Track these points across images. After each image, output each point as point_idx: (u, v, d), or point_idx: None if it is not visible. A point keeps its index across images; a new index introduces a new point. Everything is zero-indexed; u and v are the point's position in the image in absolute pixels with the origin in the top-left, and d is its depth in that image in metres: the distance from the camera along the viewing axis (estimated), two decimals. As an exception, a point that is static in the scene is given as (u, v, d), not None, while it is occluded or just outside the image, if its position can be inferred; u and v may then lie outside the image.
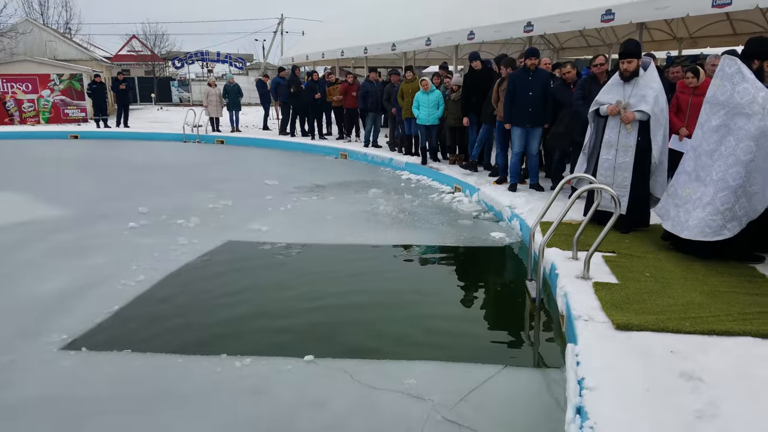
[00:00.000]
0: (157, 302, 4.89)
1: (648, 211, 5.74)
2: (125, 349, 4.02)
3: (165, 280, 5.36)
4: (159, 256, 6.03)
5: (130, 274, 5.47)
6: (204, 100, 17.71)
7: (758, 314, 3.65)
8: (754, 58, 4.59)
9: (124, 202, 8.57)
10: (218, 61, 38.24)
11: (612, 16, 8.43)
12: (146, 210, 8.01)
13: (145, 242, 6.53)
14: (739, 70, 4.46)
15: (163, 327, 4.42)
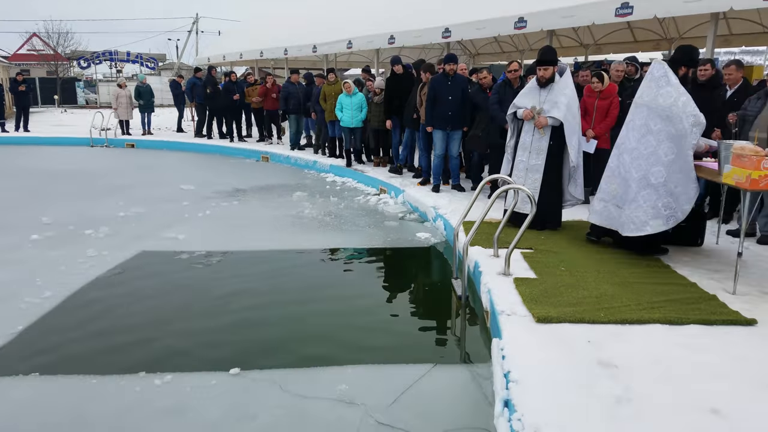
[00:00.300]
0: (65, 320, 4.57)
1: (560, 212, 6.03)
2: (32, 372, 3.73)
3: (74, 296, 5.02)
4: (66, 270, 5.65)
5: (35, 291, 5.07)
6: (113, 102, 16.80)
7: (664, 302, 3.94)
8: (682, 64, 4.95)
9: (25, 213, 7.97)
10: (128, 61, 36.46)
11: (524, 24, 8.85)
12: (50, 220, 7.49)
13: (51, 255, 6.09)
14: (665, 74, 4.75)
15: (74, 346, 4.14)
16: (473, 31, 10.18)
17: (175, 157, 14.19)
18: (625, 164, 4.93)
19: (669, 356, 3.23)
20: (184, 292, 5.23)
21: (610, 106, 6.81)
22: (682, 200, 4.68)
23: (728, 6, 6.45)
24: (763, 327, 3.61)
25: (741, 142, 4.34)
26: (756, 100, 5.45)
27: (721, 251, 5.29)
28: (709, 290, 4.20)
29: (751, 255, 5.12)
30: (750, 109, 5.43)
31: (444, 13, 10.92)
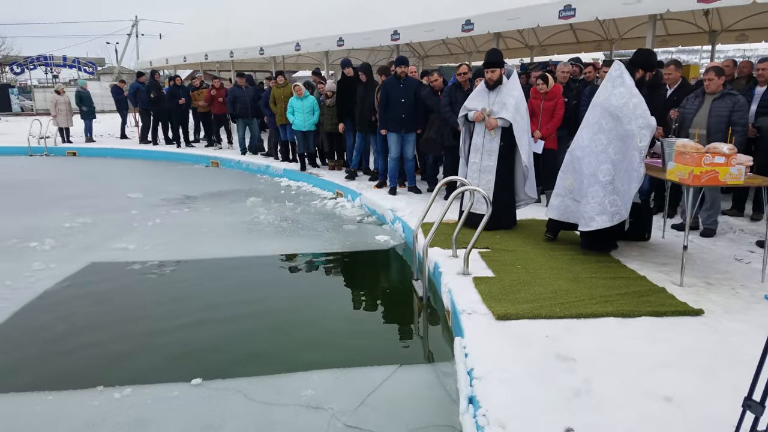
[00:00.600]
0: (14, 337, 4.39)
1: (514, 211, 6.18)
2: (-18, 391, 3.58)
3: (21, 312, 4.83)
4: (12, 284, 5.42)
5: (-20, 308, 4.85)
6: (52, 110, 16.06)
7: (616, 296, 4.11)
8: (639, 67, 5.12)
9: (-37, 227, 7.58)
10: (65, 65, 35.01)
11: (471, 27, 9.02)
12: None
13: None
14: (621, 75, 4.90)
15: (26, 363, 3.99)
16: (422, 33, 10.29)
17: (120, 165, 13.76)
18: (578, 160, 5.09)
19: (623, 348, 3.37)
20: (138, 304, 5.09)
21: (556, 107, 7.02)
22: (626, 198, 4.86)
23: (665, 8, 6.75)
24: (710, 317, 3.80)
25: (683, 140, 4.57)
26: (694, 99, 5.72)
27: (667, 245, 5.54)
28: (657, 283, 4.39)
29: (696, 248, 5.39)
30: (688, 108, 5.70)
31: (392, 15, 10.98)
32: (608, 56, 15.85)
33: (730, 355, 3.25)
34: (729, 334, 3.53)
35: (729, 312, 3.86)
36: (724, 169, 4.08)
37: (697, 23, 12.92)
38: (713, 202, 5.80)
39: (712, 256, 5.14)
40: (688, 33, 13.61)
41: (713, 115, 5.45)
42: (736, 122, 5.34)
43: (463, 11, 9.22)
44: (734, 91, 5.52)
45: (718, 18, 12.39)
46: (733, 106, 5.37)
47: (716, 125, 5.41)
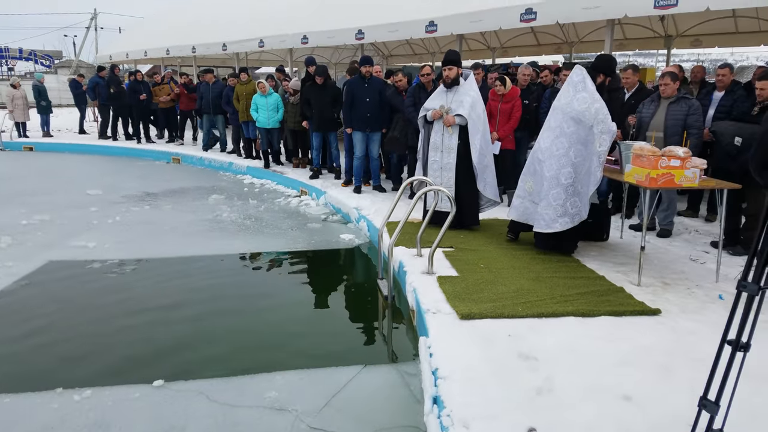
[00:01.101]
0: (-33, 339, 4.23)
1: (477, 209, 6.24)
2: (-69, 396, 3.44)
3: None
4: (-34, 284, 5.23)
5: (-71, 309, 4.66)
6: (8, 104, 15.49)
7: (577, 295, 4.20)
8: (601, 72, 5.23)
9: None
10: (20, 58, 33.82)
11: (435, 28, 9.12)
12: (-57, 232, 6.87)
13: (-54, 269, 5.61)
14: (583, 80, 4.99)
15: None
16: (386, 33, 10.34)
17: (79, 161, 13.36)
18: (540, 163, 5.17)
19: (583, 347, 3.44)
20: (98, 304, 4.96)
21: (513, 109, 7.12)
22: (585, 200, 4.98)
23: (623, 13, 6.97)
24: (666, 316, 3.92)
25: (640, 143, 4.70)
26: (650, 103, 5.89)
27: (625, 245, 5.69)
28: (616, 283, 4.51)
29: (652, 248, 5.54)
30: (645, 112, 5.87)
31: (357, 14, 10.99)
32: (568, 59, 16.20)
33: (687, 353, 3.35)
34: (685, 333, 3.64)
35: (685, 311, 3.99)
36: (680, 172, 4.22)
37: (654, 28, 13.33)
38: (669, 203, 5.98)
39: (668, 257, 5.30)
40: (644, 37, 14.03)
41: (669, 118, 5.62)
42: (692, 125, 5.51)
43: (426, 12, 9.31)
44: (689, 96, 5.70)
45: (673, 23, 12.82)
46: (688, 110, 5.54)
47: (672, 128, 5.59)
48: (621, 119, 6.34)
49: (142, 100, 13.96)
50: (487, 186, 6.08)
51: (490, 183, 6.10)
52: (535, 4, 7.74)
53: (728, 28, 12.62)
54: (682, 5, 6.33)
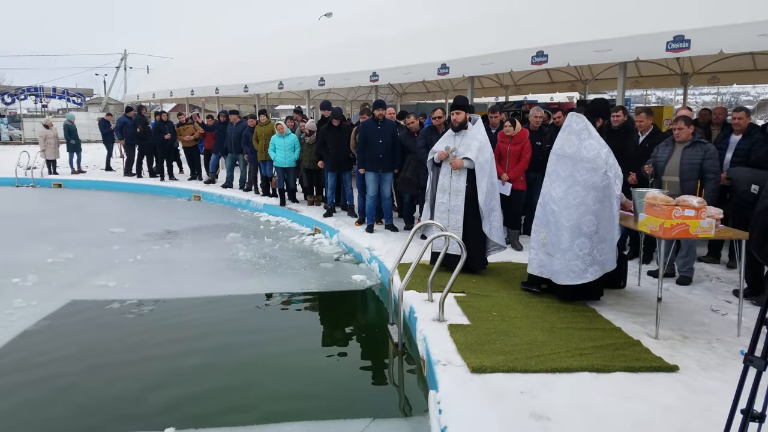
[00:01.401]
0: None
1: (485, 253, 6.18)
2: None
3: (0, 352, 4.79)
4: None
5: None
6: (41, 143, 16.11)
7: (592, 349, 4.09)
8: (599, 116, 5.23)
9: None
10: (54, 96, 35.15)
11: (447, 70, 9.25)
12: (-27, 268, 7.06)
13: (-27, 308, 5.75)
14: (586, 127, 4.98)
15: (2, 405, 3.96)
16: (399, 75, 10.52)
17: (105, 197, 13.73)
18: (553, 214, 5.09)
19: (597, 405, 3.34)
20: (114, 346, 5.03)
21: (522, 150, 7.11)
22: (612, 246, 4.90)
23: (635, 56, 6.96)
24: (685, 373, 3.78)
25: (653, 191, 4.64)
26: (665, 147, 5.84)
27: (643, 293, 5.55)
28: (633, 335, 4.38)
29: (672, 297, 5.40)
30: (660, 156, 5.82)
31: (371, 57, 11.22)
32: (582, 97, 16.21)
33: (705, 415, 3.22)
34: (703, 392, 3.51)
35: (704, 368, 3.84)
36: (695, 222, 4.14)
37: (669, 66, 13.29)
38: (689, 250, 5.86)
39: (688, 306, 5.15)
40: (660, 75, 13.99)
41: (685, 162, 5.57)
42: (708, 170, 5.45)
43: (439, 55, 9.46)
44: (704, 140, 5.66)
45: (689, 61, 12.77)
46: (704, 154, 5.49)
47: (688, 173, 5.53)
48: (635, 162, 6.30)
49: (167, 140, 14.32)
50: (493, 230, 6.05)
51: (495, 227, 6.06)
52: (546, 47, 7.79)
53: (746, 66, 12.54)
54: (694, 48, 6.32)
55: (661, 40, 6.48)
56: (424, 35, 10.44)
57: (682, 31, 6.33)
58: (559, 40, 7.67)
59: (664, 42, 6.45)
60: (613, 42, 7.02)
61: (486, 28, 9.22)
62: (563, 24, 7.88)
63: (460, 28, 9.76)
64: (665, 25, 6.50)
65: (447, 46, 9.56)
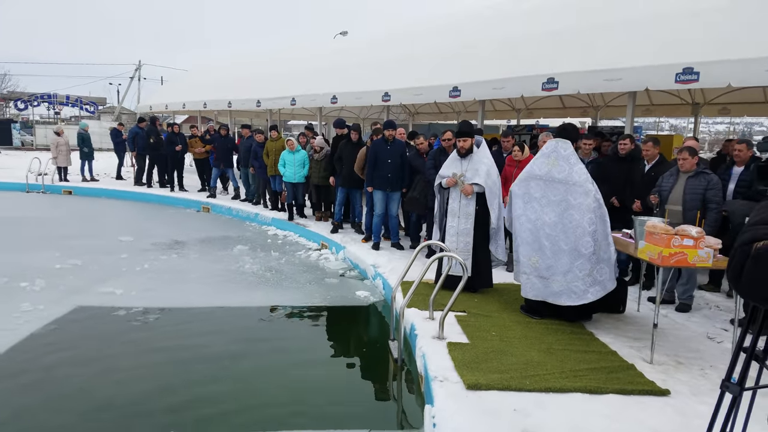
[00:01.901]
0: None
1: (490, 272, 6.30)
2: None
3: (7, 354, 4.90)
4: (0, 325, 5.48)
5: (-36, 348, 4.90)
6: (52, 151, 16.37)
7: (586, 371, 4.16)
8: (574, 141, 5.38)
9: (-49, 263, 7.63)
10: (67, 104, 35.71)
11: (458, 93, 9.41)
12: (-18, 272, 7.21)
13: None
14: (573, 152, 5.16)
15: (6, 409, 4.04)
16: (411, 96, 10.70)
17: (114, 206, 13.89)
18: (549, 238, 5.18)
19: (589, 425, 3.40)
20: (119, 353, 5.12)
21: None
22: (611, 265, 5.02)
23: (644, 86, 7.10)
24: (676, 397, 3.84)
25: (654, 219, 4.73)
26: (669, 176, 5.95)
27: (642, 318, 5.61)
28: (628, 359, 4.44)
29: (669, 323, 5.47)
30: (664, 186, 5.93)
31: (384, 77, 11.42)
32: (593, 122, 16.34)
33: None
34: (693, 416, 3.56)
35: (696, 394, 3.90)
36: (693, 251, 4.22)
37: (680, 96, 13.41)
38: (689, 278, 5.92)
39: (685, 333, 5.21)
40: (671, 104, 14.11)
41: (688, 192, 5.67)
42: (710, 200, 5.55)
43: (450, 78, 9.64)
44: (707, 170, 5.76)
45: (701, 92, 12.90)
46: (707, 185, 5.59)
47: (691, 202, 5.63)
48: (641, 190, 6.39)
49: (178, 151, 14.58)
50: (498, 247, 6.22)
51: (500, 245, 6.24)
52: (557, 74, 7.95)
53: (757, 98, 12.65)
54: (703, 80, 6.45)
55: (670, 71, 6.63)
56: (437, 57, 10.65)
57: (692, 64, 6.48)
58: (570, 67, 7.84)
59: (674, 73, 6.60)
60: (623, 71, 7.17)
61: (497, 52, 9.41)
62: (574, 51, 8.05)
63: (472, 51, 9.96)
64: (675, 57, 6.65)
65: (458, 69, 9.75)
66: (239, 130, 14.11)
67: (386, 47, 13.08)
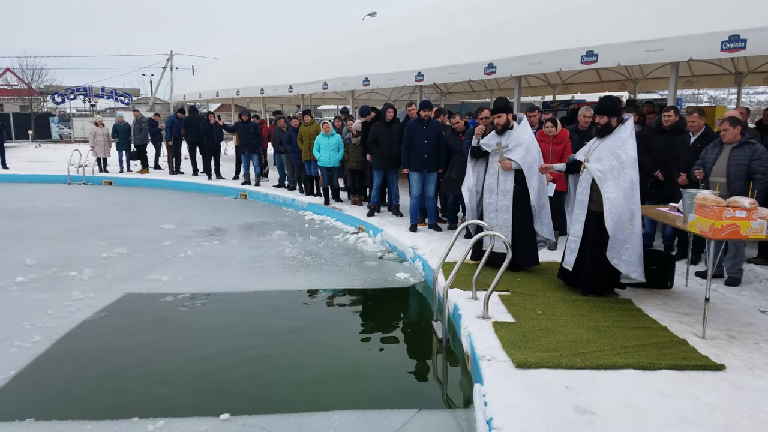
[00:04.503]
0: (57, 364, 4.60)
1: (535, 250, 6.23)
2: (28, 417, 3.79)
3: (63, 340, 5.07)
4: (53, 313, 5.68)
5: (24, 335, 5.11)
6: (90, 140, 16.76)
7: (637, 347, 4.11)
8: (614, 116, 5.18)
9: (7, 254, 7.94)
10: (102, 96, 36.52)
11: (494, 70, 9.25)
12: (34, 262, 7.49)
13: (37, 298, 6.12)
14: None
15: (67, 391, 4.20)
16: (445, 75, 10.57)
17: (153, 195, 14.19)
18: None
19: (643, 402, 3.38)
20: (171, 336, 5.28)
21: (564, 150, 7.07)
22: None
23: (688, 56, 6.86)
24: (731, 372, 3.78)
25: (704, 192, 4.62)
26: (713, 148, 5.78)
27: (691, 293, 5.51)
28: (679, 334, 4.38)
29: (719, 297, 5.35)
30: (708, 158, 5.76)
31: (416, 57, 11.31)
32: (632, 96, 15.91)
33: (751, 413, 3.23)
34: (750, 391, 3.51)
35: (751, 368, 3.83)
36: (746, 223, 4.11)
37: (723, 65, 12.96)
38: (737, 251, 5.77)
39: (736, 307, 5.10)
40: (713, 74, 13.64)
41: (732, 164, 5.51)
42: (756, 170, 5.39)
43: (485, 55, 9.47)
44: (753, 140, 5.56)
45: (744, 60, 12.42)
46: (752, 155, 5.41)
47: (735, 174, 5.47)
48: (686, 163, 6.23)
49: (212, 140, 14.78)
50: (544, 225, 6.12)
51: (546, 222, 6.13)
52: (596, 46, 7.76)
53: (804, 64, 12.13)
54: (750, 48, 6.21)
55: (715, 39, 6.40)
56: (470, 35, 10.49)
57: (738, 31, 6.24)
58: (610, 39, 7.63)
59: (719, 41, 6.37)
60: (666, 42, 6.94)
61: (534, 27, 9.21)
62: (614, 23, 7.82)
63: (507, 27, 9.78)
64: (720, 25, 6.41)
65: (494, 45, 9.59)
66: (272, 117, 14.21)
67: (417, 27, 12.94)
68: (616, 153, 5.00)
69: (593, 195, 5.15)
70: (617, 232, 4.95)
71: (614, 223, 4.92)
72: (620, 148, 5.01)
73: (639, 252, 5.06)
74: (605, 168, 4.99)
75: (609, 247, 5.01)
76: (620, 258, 5.03)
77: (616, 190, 4.94)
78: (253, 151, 13.79)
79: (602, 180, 5.01)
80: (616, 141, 5.07)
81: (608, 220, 4.93)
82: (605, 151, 5.07)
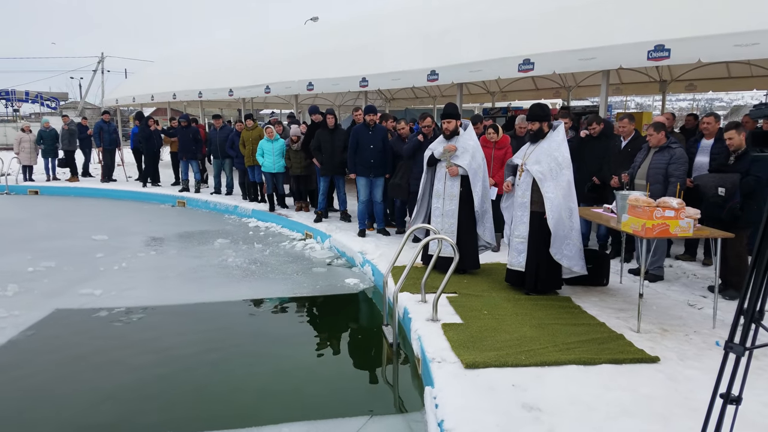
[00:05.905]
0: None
1: (476, 253, 6.37)
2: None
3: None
4: (-25, 333, 5.31)
5: (-58, 358, 4.75)
6: (15, 147, 15.82)
7: (578, 343, 4.28)
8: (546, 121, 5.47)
9: None
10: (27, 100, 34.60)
11: (436, 77, 9.44)
12: (-48, 278, 6.99)
13: (-44, 318, 5.70)
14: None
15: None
16: (389, 81, 10.69)
17: (84, 204, 13.57)
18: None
19: (586, 396, 3.51)
20: (104, 354, 5.02)
21: (505, 155, 7.29)
22: None
23: (618, 64, 7.24)
24: (665, 364, 3.99)
25: (635, 193, 4.86)
26: (641, 153, 6.14)
27: (625, 290, 5.79)
28: (616, 329, 4.59)
29: (651, 293, 5.65)
30: (636, 161, 6.13)
31: (361, 63, 11.36)
32: (566, 103, 16.56)
33: (685, 402, 3.43)
34: (683, 381, 3.72)
35: (683, 359, 4.06)
36: (674, 222, 4.36)
37: (649, 74, 13.70)
38: (656, 249, 6.09)
39: (667, 302, 5.39)
40: (640, 82, 14.40)
41: (652, 167, 5.87)
42: (671, 174, 5.72)
43: (428, 62, 9.66)
44: (674, 144, 5.87)
45: (668, 69, 13.18)
46: (670, 159, 5.75)
47: (654, 176, 5.81)
48: (617, 167, 6.54)
49: (152, 146, 14.30)
50: (486, 230, 6.27)
51: (488, 228, 6.28)
52: (533, 54, 8.04)
53: (721, 74, 12.99)
54: (674, 57, 6.61)
55: (642, 49, 6.77)
56: (413, 42, 10.64)
57: (663, 41, 6.62)
58: (546, 48, 7.94)
59: (646, 51, 6.74)
60: (598, 51, 7.30)
61: (474, 35, 9.45)
62: (549, 32, 8.15)
63: (448, 35, 9.99)
64: (647, 35, 6.80)
65: (436, 53, 9.77)
66: (211, 122, 13.87)
67: (360, 32, 13.00)
68: (553, 155, 5.27)
69: (534, 196, 5.35)
70: (558, 230, 5.18)
71: (555, 221, 5.15)
72: (556, 151, 5.30)
73: (579, 246, 5.35)
74: (545, 169, 5.22)
75: (551, 243, 5.23)
76: (562, 253, 5.28)
77: (555, 190, 5.17)
78: (192, 158, 13.44)
79: (542, 180, 5.22)
80: (552, 144, 5.35)
81: (550, 218, 5.16)
82: (542, 153, 5.31)
